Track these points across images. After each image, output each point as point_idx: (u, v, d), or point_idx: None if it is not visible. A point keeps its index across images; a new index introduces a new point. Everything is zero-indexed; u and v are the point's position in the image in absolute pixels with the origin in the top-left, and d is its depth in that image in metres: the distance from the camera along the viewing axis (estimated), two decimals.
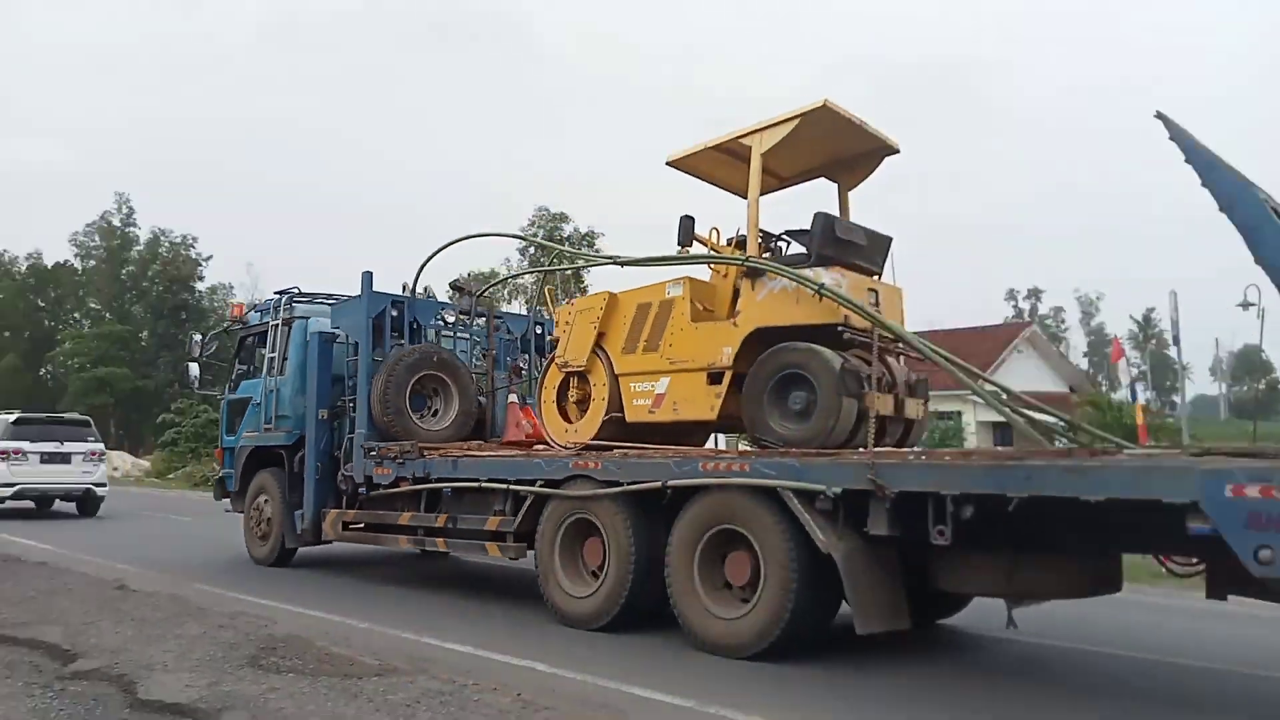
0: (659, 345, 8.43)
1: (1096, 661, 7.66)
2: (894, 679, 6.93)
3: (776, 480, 6.84)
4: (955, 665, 7.57)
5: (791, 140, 7.87)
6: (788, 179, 9.15)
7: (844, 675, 7.00)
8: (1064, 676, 7.26)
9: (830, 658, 7.30)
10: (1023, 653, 7.84)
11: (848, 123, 7.94)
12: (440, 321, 12.22)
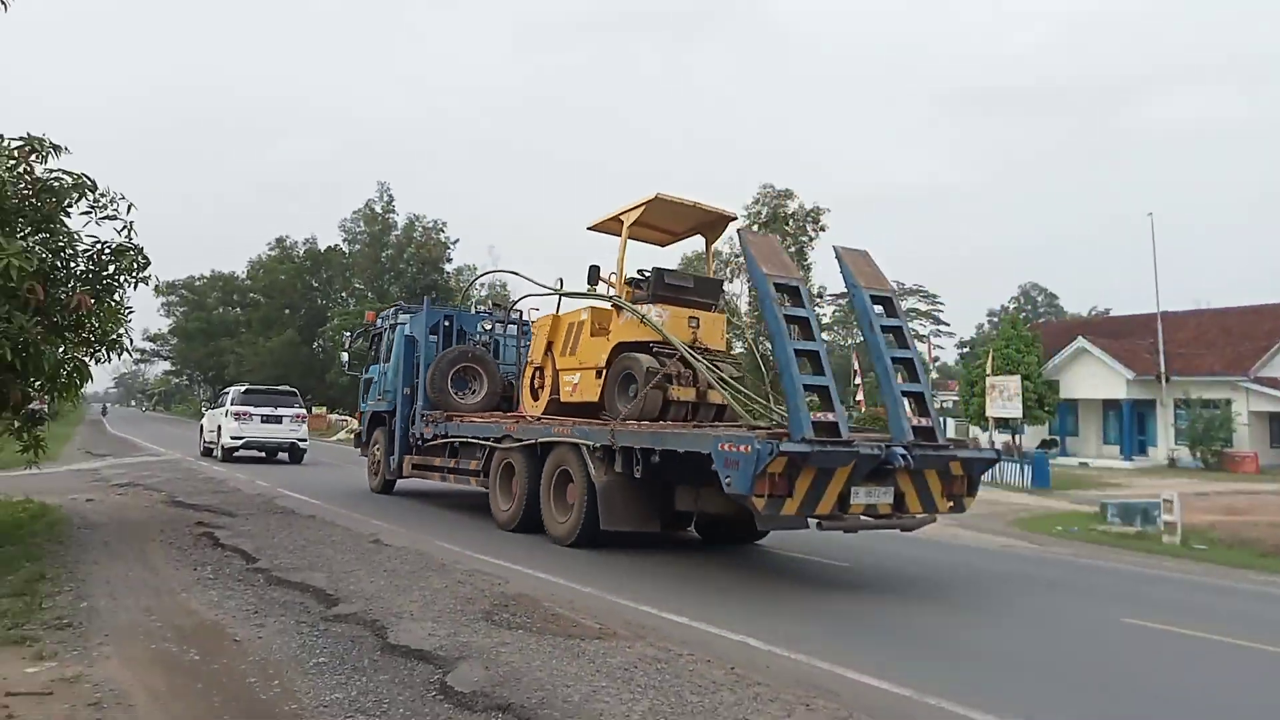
0: (576, 351, 12.25)
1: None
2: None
3: (576, 439, 10.91)
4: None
5: (650, 216, 11.90)
6: (676, 235, 13.31)
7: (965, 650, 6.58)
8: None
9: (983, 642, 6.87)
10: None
11: (682, 204, 11.78)
12: (481, 329, 16.72)
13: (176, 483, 18.03)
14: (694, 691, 5.61)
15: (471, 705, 5.25)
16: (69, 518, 12.49)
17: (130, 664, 5.89)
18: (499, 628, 7.00)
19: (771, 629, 7.37)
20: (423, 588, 8.33)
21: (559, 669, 5.97)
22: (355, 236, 65.77)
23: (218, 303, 78.27)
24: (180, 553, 10.09)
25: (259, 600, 7.85)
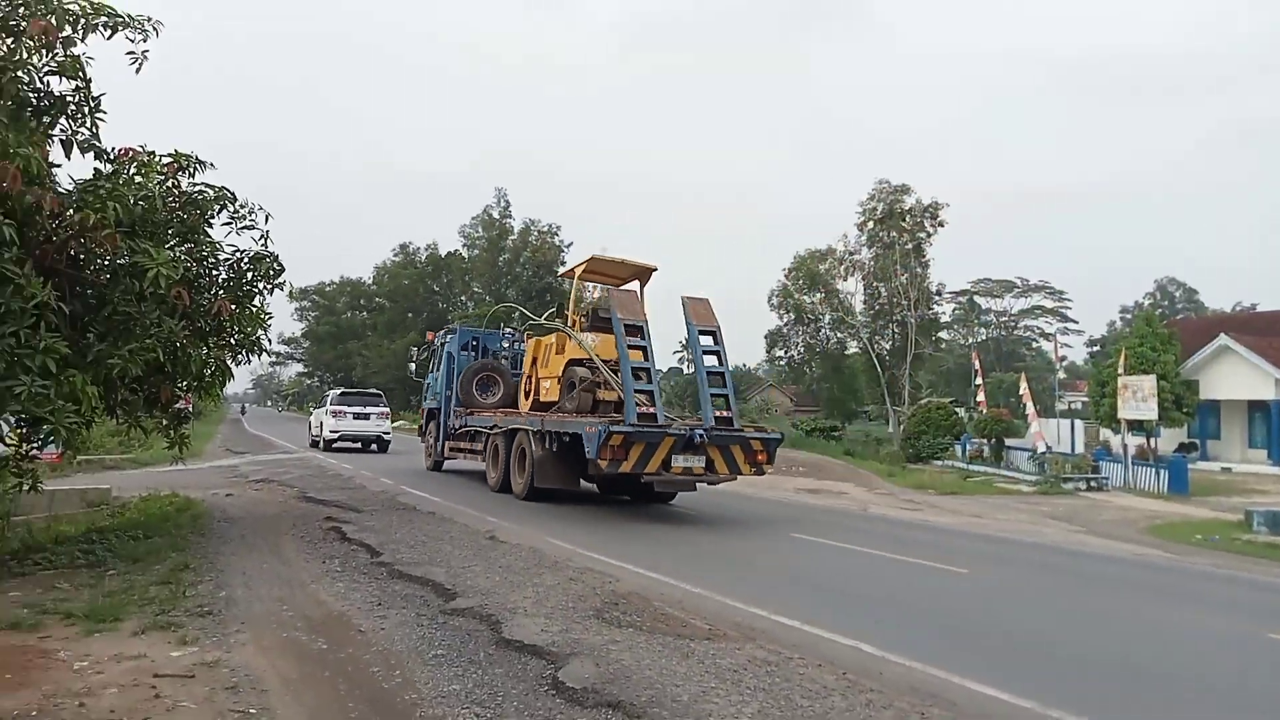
0: (547, 365, 16.66)
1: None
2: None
3: (526, 426, 15.35)
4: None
5: (595, 268, 16.82)
6: (620, 280, 17.25)
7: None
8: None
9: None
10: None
11: (614, 260, 16.48)
12: (501, 346, 21.44)
13: (308, 479, 18.95)
14: (804, 696, 5.56)
15: (582, 701, 5.34)
16: (210, 511, 13.29)
17: (264, 651, 6.23)
18: (610, 625, 7.09)
19: (885, 634, 7.22)
20: (536, 584, 8.51)
21: (669, 668, 6.01)
22: (474, 242, 67.74)
23: (346, 307, 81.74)
24: (310, 546, 10.61)
25: (382, 593, 8.18)
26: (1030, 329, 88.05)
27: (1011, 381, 48.31)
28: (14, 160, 7.59)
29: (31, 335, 7.48)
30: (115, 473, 19.45)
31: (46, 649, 6.04)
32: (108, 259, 9.15)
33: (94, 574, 8.60)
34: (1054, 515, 17.72)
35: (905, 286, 43.85)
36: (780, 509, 17.40)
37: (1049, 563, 12.08)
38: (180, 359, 9.41)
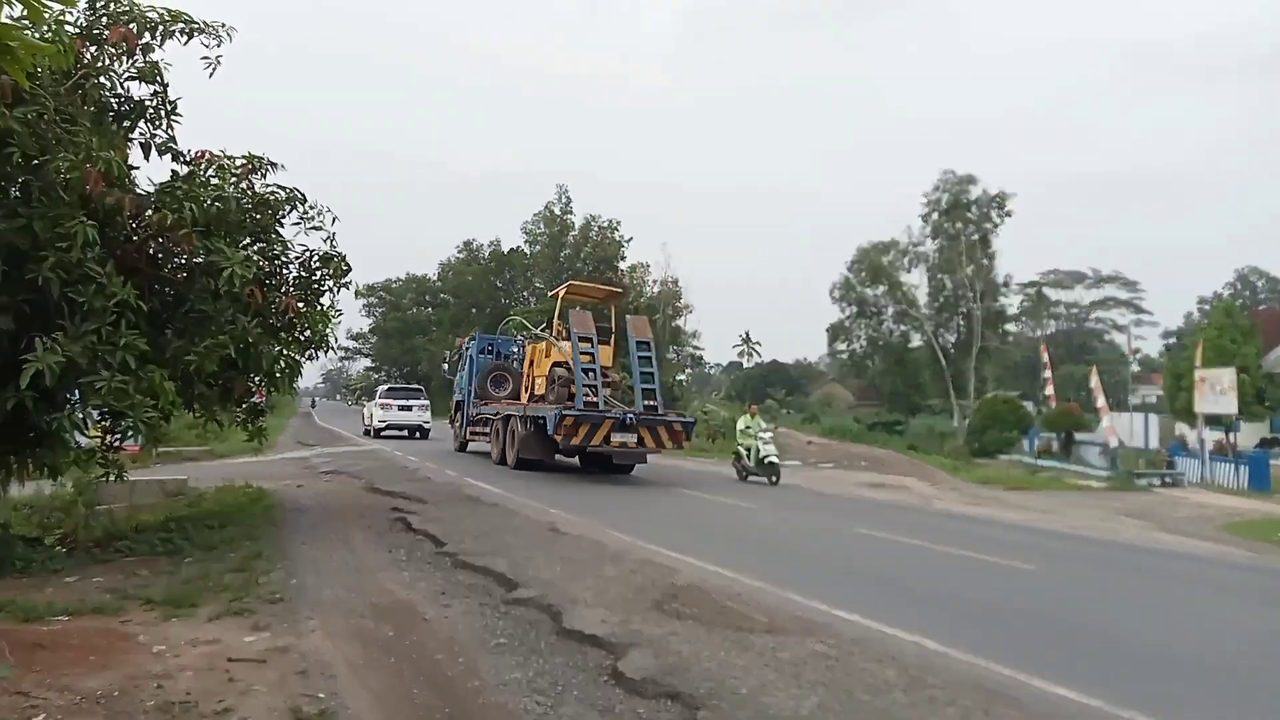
0: (540, 366, 20.59)
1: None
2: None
3: (515, 413, 20.05)
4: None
5: (574, 292, 21.95)
6: (598, 300, 22.52)
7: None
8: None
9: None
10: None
11: (588, 285, 23.71)
12: (512, 349, 25.51)
13: (375, 471, 19.36)
14: (865, 691, 5.52)
15: (642, 692, 5.39)
16: (282, 502, 13.68)
17: (332, 637, 6.40)
18: (669, 617, 7.12)
19: (949, 630, 7.11)
20: (596, 575, 8.59)
21: (728, 661, 6.03)
22: (536, 238, 68.28)
23: (412, 303, 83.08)
24: (377, 536, 10.85)
25: (446, 582, 8.34)
26: (1102, 321, 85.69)
27: (1082, 375, 46.93)
28: (96, 163, 7.90)
29: (113, 332, 7.79)
30: (192, 464, 20.12)
31: (128, 632, 6.30)
32: (185, 258, 9.48)
33: (172, 561, 8.95)
34: (1127, 512, 17.24)
35: (971, 278, 43.07)
36: (842, 504, 17.25)
37: (1120, 560, 11.78)
38: (252, 355, 9.70)
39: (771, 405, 62.92)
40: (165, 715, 4.69)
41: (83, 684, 5.06)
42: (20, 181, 8.02)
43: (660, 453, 19.50)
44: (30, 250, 7.56)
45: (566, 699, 5.26)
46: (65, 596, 7.34)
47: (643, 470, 21.22)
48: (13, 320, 7.50)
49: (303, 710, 4.85)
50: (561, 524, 11.79)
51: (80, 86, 8.85)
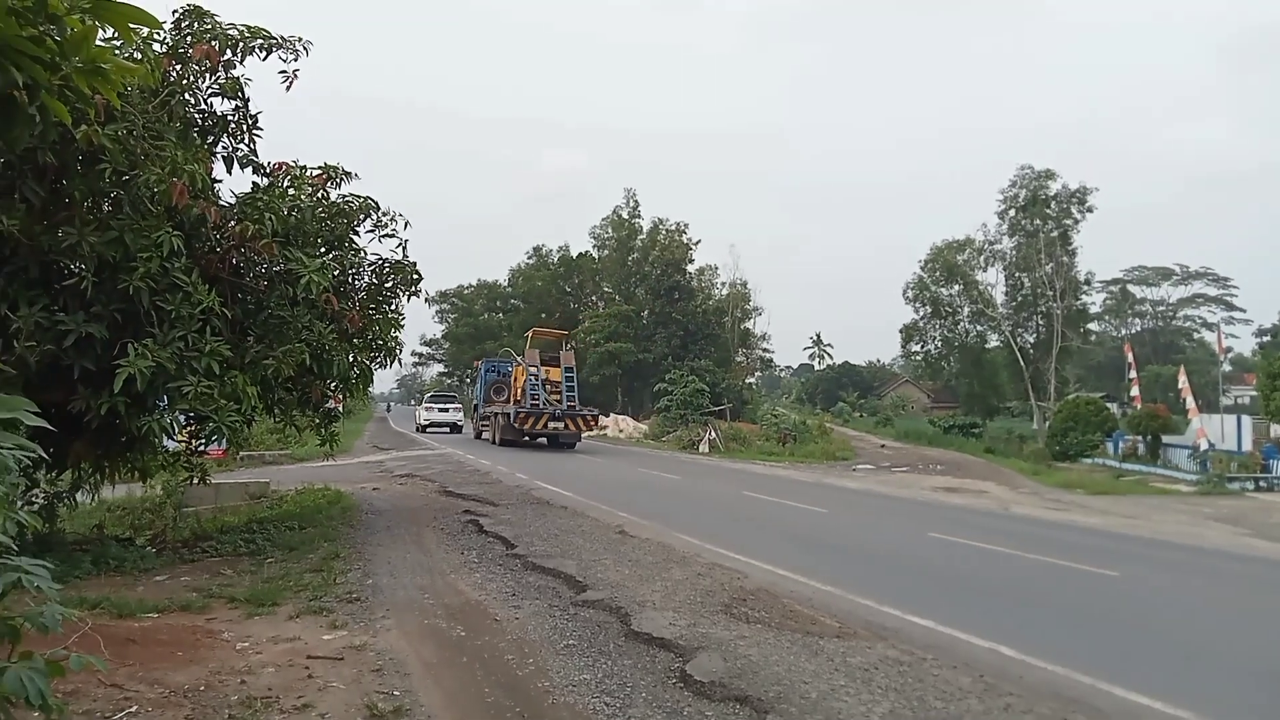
0: (519, 380, 31.53)
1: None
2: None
3: (499, 411, 32.13)
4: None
5: (541, 332, 37.01)
6: (559, 336, 37.59)
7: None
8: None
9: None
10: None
11: (549, 329, 40.81)
12: (508, 368, 34.42)
13: (448, 474, 19.70)
14: (938, 697, 5.42)
15: (710, 695, 5.38)
16: (358, 504, 14.01)
17: (407, 636, 6.54)
18: (738, 621, 7.10)
19: (1026, 637, 6.94)
20: (664, 578, 8.60)
21: (797, 665, 5.97)
22: (604, 242, 68.52)
23: (483, 309, 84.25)
24: (450, 538, 11.04)
25: (516, 584, 8.44)
26: (1191, 319, 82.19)
27: (1169, 375, 45.22)
28: (182, 177, 8.22)
29: (198, 339, 8.09)
30: (274, 467, 20.76)
31: (213, 629, 6.53)
32: (265, 267, 9.79)
33: (255, 561, 9.24)
34: (1217, 517, 16.54)
35: (1050, 276, 41.80)
36: (915, 508, 16.94)
37: (1210, 567, 11.31)
38: (326, 360, 9.96)
39: (843, 408, 62.22)
40: (248, 710, 4.84)
41: (172, 678, 5.26)
42: (111, 196, 8.38)
43: (583, 436, 31.88)
44: (121, 261, 7.90)
45: (635, 701, 5.27)
46: (155, 594, 7.64)
47: (707, 473, 22.70)
48: (106, 328, 7.83)
49: (378, 707, 4.96)
50: (630, 527, 11.83)
51: (167, 103, 9.21)
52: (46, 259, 7.87)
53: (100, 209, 8.49)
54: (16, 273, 7.72)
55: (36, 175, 7.70)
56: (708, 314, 58.59)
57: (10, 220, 7.36)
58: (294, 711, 4.88)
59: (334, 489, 15.19)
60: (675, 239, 60.05)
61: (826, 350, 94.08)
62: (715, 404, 42.68)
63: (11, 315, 7.40)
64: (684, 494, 17.57)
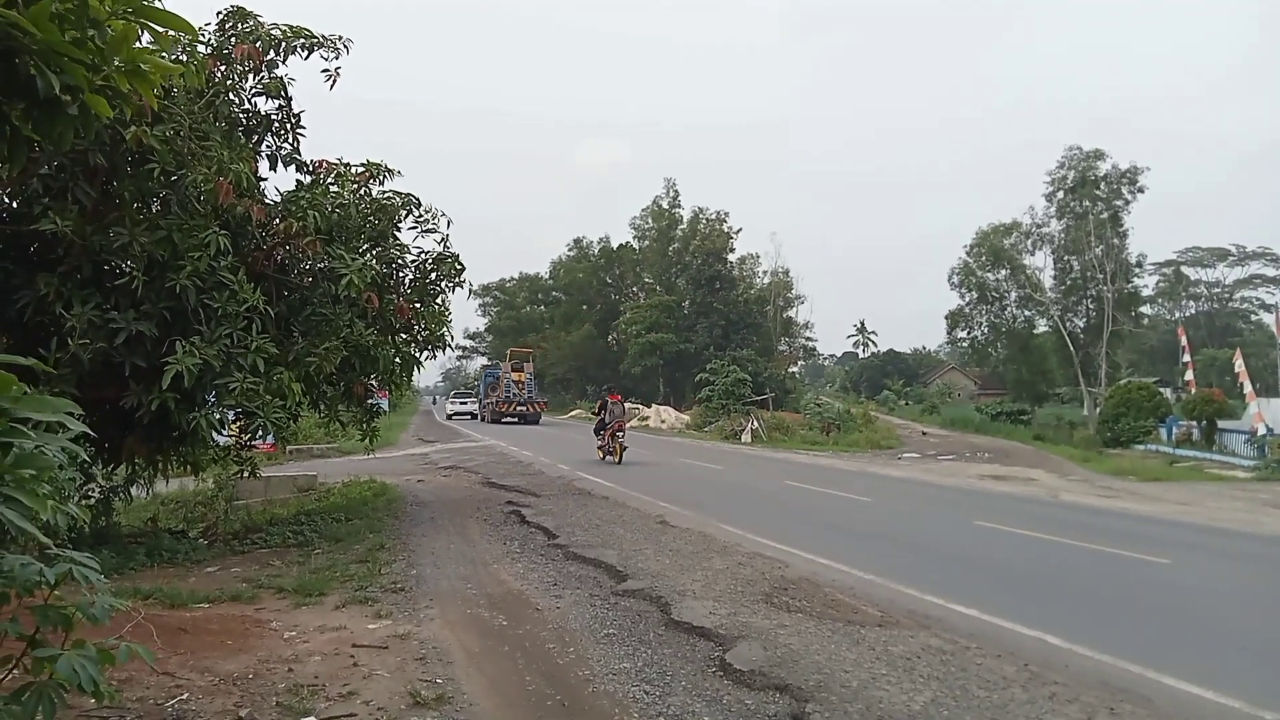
0: (503, 381, 47.83)
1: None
2: None
3: (487, 402, 50.30)
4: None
5: (516, 353, 52.24)
6: (525, 354, 52.11)
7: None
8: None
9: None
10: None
11: (523, 349, 55.21)
12: (500, 373, 49.67)
13: (491, 466, 19.90)
14: (982, 686, 5.37)
15: (750, 684, 5.38)
16: (403, 496, 14.21)
17: (450, 625, 6.62)
18: (778, 610, 7.08)
19: (1073, 626, 6.83)
20: (705, 568, 8.60)
21: (838, 654, 5.95)
22: (644, 233, 68.52)
23: (525, 301, 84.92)
24: (492, 528, 11.16)
25: (558, 574, 8.51)
26: (1248, 300, 79.92)
27: (1225, 359, 44.11)
28: (228, 176, 8.38)
29: (244, 336, 8.25)
30: (321, 461, 21.12)
31: (261, 619, 6.67)
32: (309, 263, 9.96)
33: (302, 552, 9.43)
34: (1275, 503, 16.11)
35: (1100, 259, 40.94)
36: (961, 495, 16.74)
37: (1268, 555, 11.03)
38: (367, 357, 10.10)
39: (888, 396, 61.60)
40: (295, 697, 4.95)
41: (221, 666, 5.39)
42: (160, 196, 8.57)
43: (540, 415, 46.79)
44: (170, 260, 8.08)
45: (674, 689, 5.29)
46: (206, 585, 7.83)
47: (749, 463, 23.11)
48: (155, 326, 8.02)
49: (421, 694, 5.04)
50: (670, 517, 11.85)
51: (212, 103, 9.40)
52: (98, 259, 8.09)
53: (149, 209, 8.69)
54: (70, 273, 7.94)
55: (88, 177, 7.92)
56: (749, 303, 58.38)
57: (64, 221, 7.57)
58: (339, 699, 4.98)
59: (379, 481, 15.42)
60: (715, 228, 59.81)
61: (871, 338, 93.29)
62: (757, 393, 42.53)
63: (65, 314, 7.61)
64: (725, 484, 17.54)
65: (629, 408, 55.97)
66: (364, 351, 9.92)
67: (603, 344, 70.17)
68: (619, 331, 65.78)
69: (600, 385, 64.91)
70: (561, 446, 27.02)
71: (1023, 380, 48.69)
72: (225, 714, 4.64)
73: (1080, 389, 43.39)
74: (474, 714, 4.85)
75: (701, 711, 4.94)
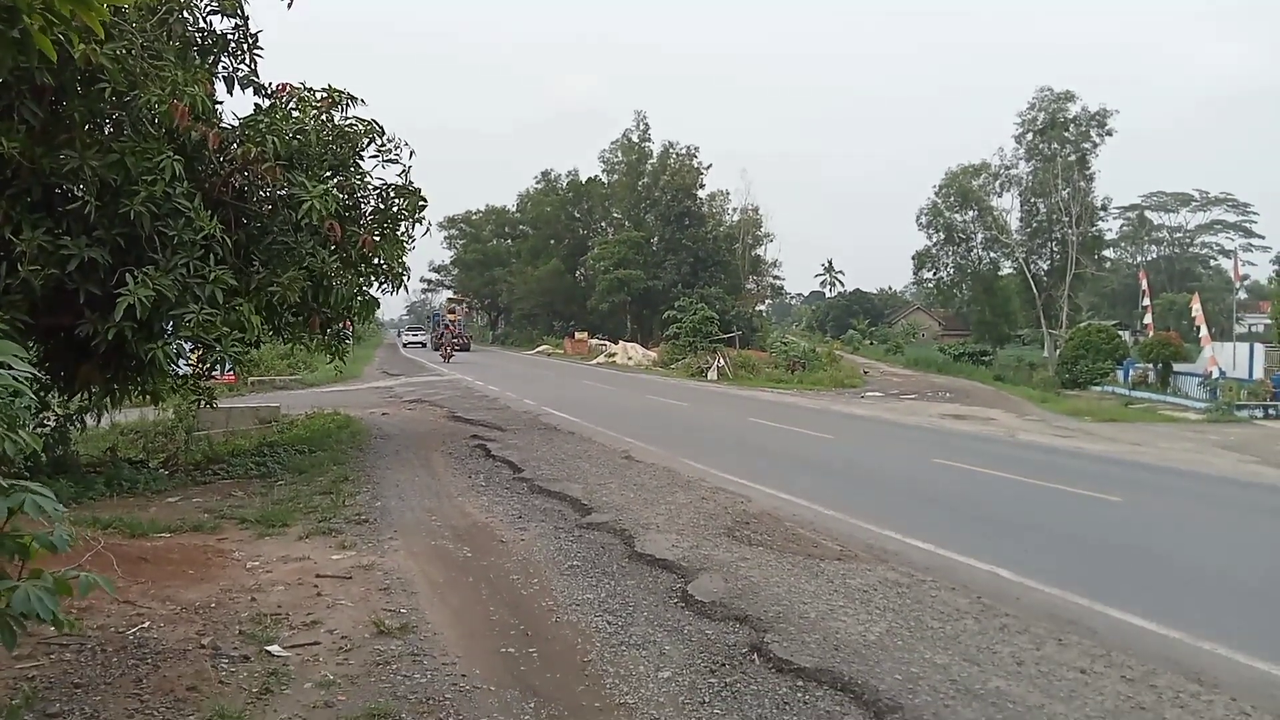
0: (443, 320, 62.06)
1: None
2: None
3: (435, 337, 61.68)
4: None
5: (452, 300, 74.08)
6: (461, 299, 75.95)
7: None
8: None
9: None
10: None
11: (457, 297, 76.42)
12: (446, 315, 64.18)
13: (456, 400, 19.85)
14: (935, 618, 5.51)
15: (710, 614, 5.48)
16: (367, 429, 14.16)
17: (414, 556, 6.65)
18: (740, 543, 7.19)
19: (1025, 560, 7.02)
20: (668, 502, 8.70)
21: (797, 586, 6.07)
22: (613, 167, 67.55)
23: (492, 235, 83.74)
24: (458, 462, 11.17)
25: (523, 507, 8.56)
26: (1208, 246, 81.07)
27: (1184, 303, 44.83)
28: (183, 98, 8.08)
29: (201, 265, 8.04)
30: (284, 392, 20.92)
31: (223, 549, 6.66)
32: (268, 191, 9.70)
33: (265, 484, 9.39)
34: (1224, 445, 16.57)
35: (1066, 201, 41.17)
36: (921, 434, 17.01)
37: (1214, 494, 11.37)
38: (326, 289, 9.91)
39: (853, 336, 62.10)
40: (258, 626, 4.96)
41: (183, 595, 5.38)
42: (112, 118, 8.26)
43: (468, 344, 56.72)
44: (123, 185, 7.82)
45: (636, 620, 5.38)
46: (167, 515, 7.78)
47: (715, 400, 23.43)
48: (109, 253, 7.79)
49: (385, 624, 5.07)
50: (635, 452, 11.94)
51: (165, 21, 9.02)
52: (48, 182, 7.82)
53: (101, 131, 8.38)
54: (18, 196, 7.67)
55: (35, 96, 7.58)
56: (718, 240, 58.12)
57: (10, 143, 7.27)
58: (303, 628, 5.00)
59: (343, 414, 15.33)
60: (686, 163, 59.14)
61: (838, 278, 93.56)
62: (725, 331, 42.61)
63: (15, 239, 7.37)
64: (691, 420, 17.67)
65: (595, 344, 53.74)
66: (323, 282, 9.74)
67: (570, 279, 69.65)
68: (587, 267, 65.34)
69: (568, 321, 66.47)
70: (528, 383, 27.04)
71: (986, 322, 49.19)
72: (188, 642, 4.65)
73: (1042, 331, 44.00)
74: (438, 643, 4.90)
75: (663, 641, 5.04)
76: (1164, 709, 4.30)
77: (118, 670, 4.26)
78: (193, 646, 4.60)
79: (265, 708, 3.99)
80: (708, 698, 4.32)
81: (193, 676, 4.24)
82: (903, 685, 4.45)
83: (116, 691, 4.03)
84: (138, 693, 4.04)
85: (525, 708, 4.16)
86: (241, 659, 4.50)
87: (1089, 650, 5.04)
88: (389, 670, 4.47)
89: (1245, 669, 4.93)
